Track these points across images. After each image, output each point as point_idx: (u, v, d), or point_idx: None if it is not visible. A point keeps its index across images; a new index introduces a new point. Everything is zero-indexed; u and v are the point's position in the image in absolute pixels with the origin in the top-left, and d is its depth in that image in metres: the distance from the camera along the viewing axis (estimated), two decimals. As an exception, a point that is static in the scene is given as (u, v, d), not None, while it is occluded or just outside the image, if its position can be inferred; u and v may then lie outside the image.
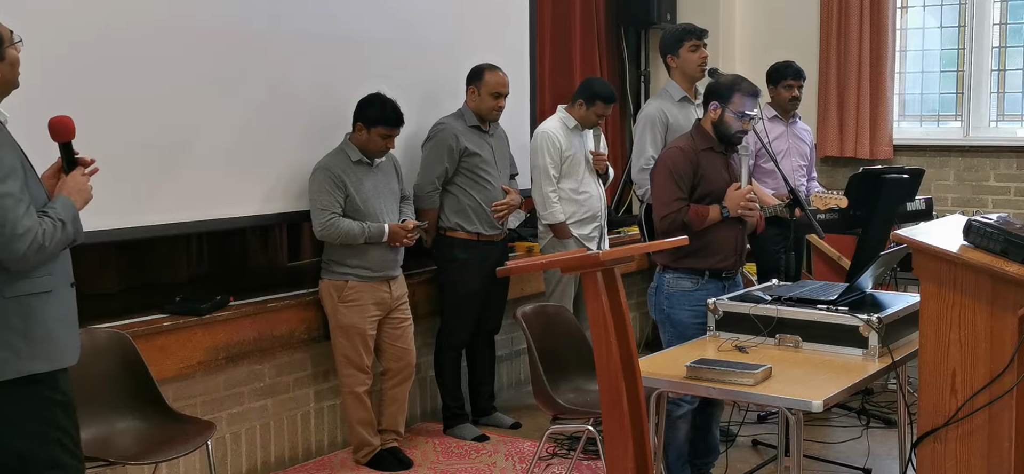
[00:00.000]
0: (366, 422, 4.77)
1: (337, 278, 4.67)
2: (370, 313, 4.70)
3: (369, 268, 4.68)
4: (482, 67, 5.22)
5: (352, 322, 4.67)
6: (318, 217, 4.63)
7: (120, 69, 4.14)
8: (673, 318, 4.14)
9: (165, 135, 4.31)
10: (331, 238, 4.63)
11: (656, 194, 4.16)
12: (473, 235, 5.20)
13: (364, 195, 4.67)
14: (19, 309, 2.90)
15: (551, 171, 5.39)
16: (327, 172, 4.64)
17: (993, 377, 2.93)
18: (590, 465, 4.78)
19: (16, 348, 2.89)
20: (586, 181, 5.49)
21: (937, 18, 7.16)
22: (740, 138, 4.16)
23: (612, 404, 3.09)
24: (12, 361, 2.89)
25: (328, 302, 4.71)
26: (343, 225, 4.60)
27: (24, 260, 2.85)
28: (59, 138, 3.09)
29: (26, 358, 2.91)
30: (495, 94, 5.18)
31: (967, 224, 3.01)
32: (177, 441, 3.75)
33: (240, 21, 4.59)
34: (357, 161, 4.69)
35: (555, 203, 5.41)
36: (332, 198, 4.61)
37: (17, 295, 2.90)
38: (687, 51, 5.03)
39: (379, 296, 4.73)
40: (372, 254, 4.68)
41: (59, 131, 3.09)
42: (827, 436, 5.20)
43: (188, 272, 5.21)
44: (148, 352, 3.99)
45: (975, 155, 6.94)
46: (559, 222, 5.42)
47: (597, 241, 5.52)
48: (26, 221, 2.82)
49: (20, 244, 2.81)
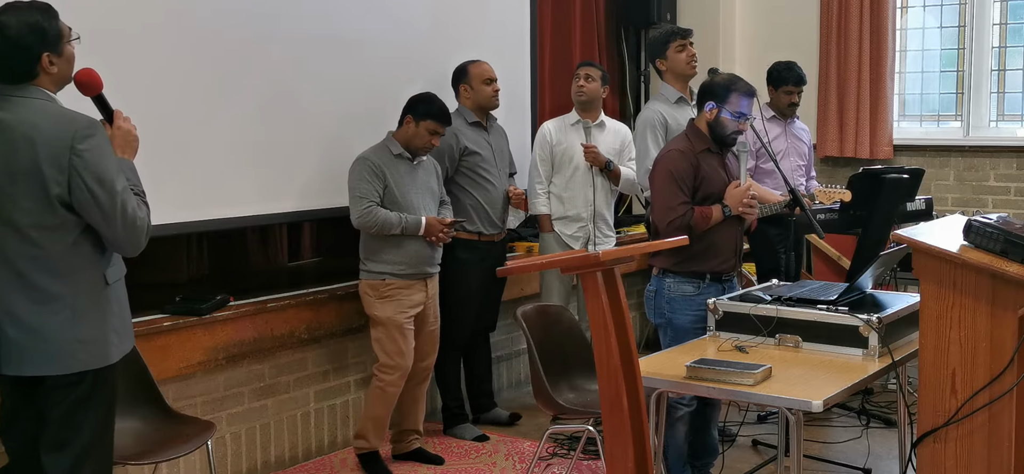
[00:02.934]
0: (378, 420, 4.70)
1: (374, 277, 4.64)
2: (407, 307, 4.67)
3: (405, 264, 4.64)
4: (463, 65, 5.26)
5: (389, 314, 4.63)
6: (356, 205, 4.59)
7: (120, 69, 4.12)
8: (675, 322, 4.12)
9: (165, 135, 4.31)
10: (368, 227, 4.59)
11: (658, 198, 4.12)
12: (474, 235, 5.20)
13: (403, 189, 4.64)
14: (117, 294, 3.07)
15: (539, 165, 5.53)
16: (368, 162, 4.62)
17: (993, 377, 2.93)
18: (590, 465, 4.78)
19: (119, 331, 3.07)
20: (575, 181, 5.47)
21: (937, 18, 7.16)
22: (735, 139, 4.16)
23: (612, 404, 3.09)
24: (117, 344, 3.06)
25: (366, 300, 4.68)
26: (380, 214, 4.56)
27: (140, 247, 3.04)
28: (90, 92, 3.09)
29: (124, 339, 3.11)
30: (487, 80, 5.23)
31: (967, 224, 3.01)
32: (177, 441, 3.76)
33: (240, 21, 4.59)
34: (398, 155, 4.66)
35: (538, 195, 5.51)
36: (371, 187, 4.58)
37: (116, 280, 3.06)
38: (674, 52, 5.04)
39: (415, 296, 4.70)
40: (408, 249, 4.63)
41: (88, 85, 3.08)
42: (827, 436, 5.20)
43: (188, 272, 5.21)
44: (148, 352, 3.99)
45: (975, 155, 6.94)
46: (540, 214, 5.53)
47: (582, 242, 5.50)
48: (140, 212, 2.99)
49: (141, 236, 3.01)
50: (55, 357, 2.95)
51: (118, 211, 2.91)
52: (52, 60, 2.94)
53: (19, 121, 2.88)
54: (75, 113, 2.95)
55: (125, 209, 2.92)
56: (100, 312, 2.99)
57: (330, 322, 4.81)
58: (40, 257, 2.91)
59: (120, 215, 2.91)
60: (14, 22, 2.89)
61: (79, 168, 2.86)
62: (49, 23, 2.94)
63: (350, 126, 4.76)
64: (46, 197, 2.88)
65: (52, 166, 2.86)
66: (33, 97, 2.92)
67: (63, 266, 2.93)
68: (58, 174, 2.86)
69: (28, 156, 2.87)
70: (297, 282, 5.05)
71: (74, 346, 2.95)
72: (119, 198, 2.91)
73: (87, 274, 2.96)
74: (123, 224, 2.93)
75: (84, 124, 2.90)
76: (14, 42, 2.89)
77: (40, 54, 2.91)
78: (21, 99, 2.92)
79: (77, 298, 2.95)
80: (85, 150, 2.87)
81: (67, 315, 2.94)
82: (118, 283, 3.07)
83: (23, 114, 2.89)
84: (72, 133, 2.87)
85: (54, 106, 2.95)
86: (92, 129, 2.91)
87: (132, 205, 2.95)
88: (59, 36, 2.97)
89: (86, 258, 2.96)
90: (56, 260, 2.92)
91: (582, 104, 5.51)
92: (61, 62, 2.97)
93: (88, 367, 2.97)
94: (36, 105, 2.91)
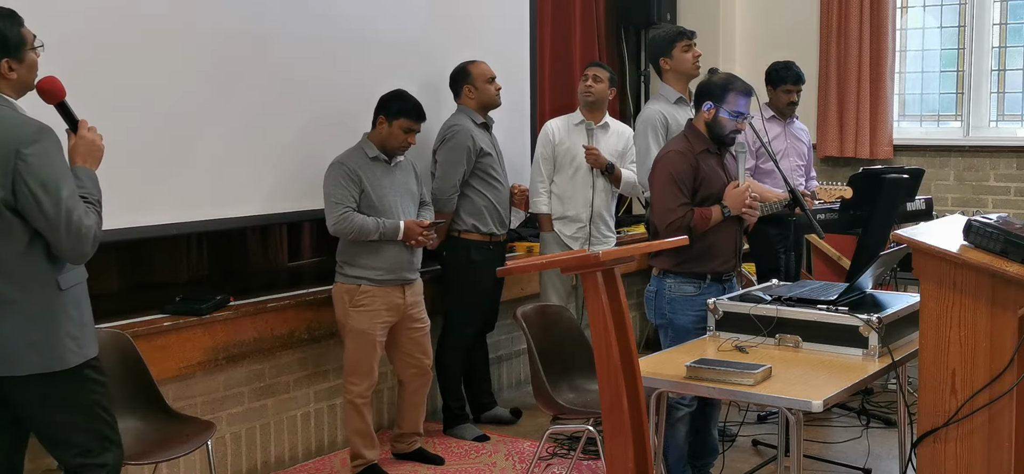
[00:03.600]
0: (362, 432, 4.66)
1: (350, 282, 4.57)
2: (381, 318, 4.60)
3: (384, 269, 4.57)
4: (464, 65, 5.25)
5: (362, 327, 4.57)
6: (332, 211, 4.52)
7: (120, 69, 4.14)
8: (676, 323, 4.12)
9: (165, 135, 4.31)
10: (344, 233, 4.53)
11: (658, 199, 4.11)
12: (486, 236, 5.20)
13: (380, 192, 4.57)
14: (73, 299, 3.07)
15: (541, 164, 5.52)
16: (343, 166, 4.55)
17: (993, 377, 2.93)
18: (590, 465, 4.78)
19: (76, 336, 3.06)
20: (575, 181, 5.47)
21: (937, 18, 7.16)
22: (734, 138, 4.15)
23: (612, 404, 3.09)
24: (75, 350, 3.05)
25: (339, 306, 4.61)
26: (357, 220, 4.49)
27: (86, 257, 3.05)
28: (52, 100, 3.11)
29: (84, 345, 3.09)
30: (489, 79, 5.24)
31: (967, 224, 3.02)
32: (177, 441, 3.76)
33: (240, 21, 4.59)
34: (374, 158, 4.60)
35: (540, 194, 5.51)
36: (347, 192, 4.51)
37: (71, 286, 3.06)
38: (680, 51, 5.02)
39: (392, 301, 4.61)
40: (387, 254, 4.57)
41: (51, 93, 3.10)
42: (827, 436, 5.20)
43: (188, 272, 5.20)
44: (148, 352, 3.99)
45: (975, 155, 6.94)
46: (540, 213, 5.54)
47: (581, 243, 5.49)
48: (86, 220, 2.98)
49: (86, 244, 3.00)
50: (6, 359, 2.98)
51: (62, 218, 2.92)
52: (11, 66, 2.97)
53: None
54: (27, 119, 2.97)
55: (70, 216, 2.93)
56: (53, 317, 3.00)
57: (330, 322, 4.80)
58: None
59: (65, 222, 2.92)
60: None
61: (23, 172, 2.88)
62: (11, 29, 2.97)
63: (350, 126, 4.75)
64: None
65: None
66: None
67: (14, 270, 2.95)
68: (3, 178, 2.88)
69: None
70: (297, 282, 5.05)
71: (24, 349, 2.98)
72: (64, 205, 2.92)
73: (39, 280, 2.98)
74: (67, 231, 2.93)
75: (32, 129, 2.92)
76: None
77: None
78: None
79: (28, 302, 2.97)
80: (30, 155, 2.88)
81: (17, 319, 2.97)
82: (74, 289, 3.07)
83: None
84: (19, 138, 2.89)
85: (9, 112, 2.95)
86: (39, 135, 2.92)
87: (79, 212, 2.95)
88: (21, 43, 2.99)
89: (38, 264, 2.97)
90: (7, 264, 2.94)
91: (589, 105, 5.51)
92: (21, 68, 3.00)
93: (39, 370, 2.99)
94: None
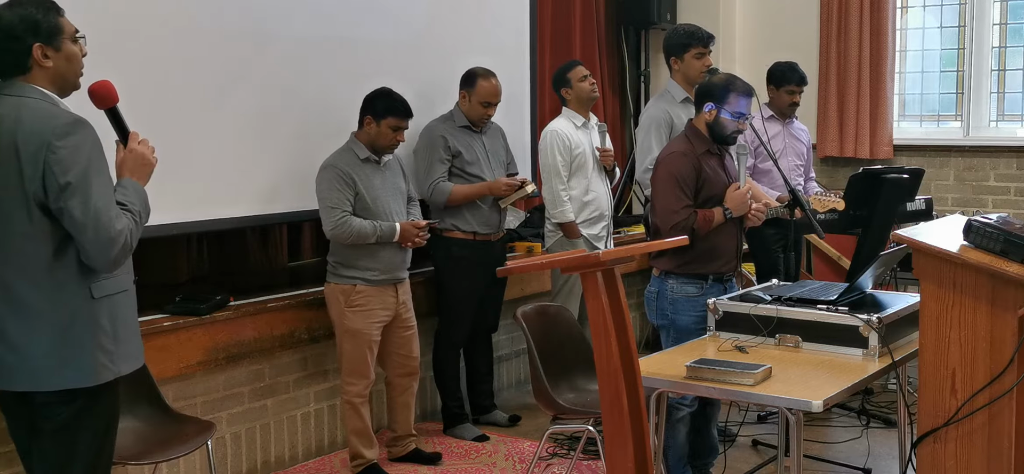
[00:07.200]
0: (361, 432, 4.67)
1: (345, 282, 4.56)
2: (377, 318, 4.61)
3: (378, 270, 4.57)
4: (476, 73, 5.17)
5: (358, 327, 4.57)
6: (329, 216, 4.50)
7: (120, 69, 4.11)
8: (678, 324, 4.12)
9: (165, 135, 4.27)
10: (342, 238, 4.51)
11: (660, 200, 4.10)
12: (469, 234, 5.18)
13: (374, 194, 4.57)
14: (108, 310, 2.87)
15: (561, 169, 5.38)
16: (336, 169, 4.53)
17: (993, 377, 2.93)
18: (590, 465, 4.78)
19: (109, 351, 2.86)
20: (594, 180, 5.47)
21: (937, 18, 7.16)
22: (735, 139, 4.15)
23: (612, 404, 3.08)
24: (108, 365, 2.87)
25: (334, 306, 4.61)
26: (355, 224, 4.48)
27: (115, 264, 2.83)
28: (102, 105, 2.92)
29: (118, 360, 2.90)
30: (485, 103, 5.15)
31: (967, 224, 3.01)
32: (177, 441, 3.76)
33: (240, 21, 4.59)
34: (365, 159, 4.59)
35: (565, 202, 5.38)
36: (342, 196, 4.49)
37: (105, 295, 2.85)
38: (692, 57, 5.00)
39: (386, 300, 4.63)
40: (382, 255, 4.57)
41: (103, 96, 2.92)
42: (827, 436, 5.20)
43: (188, 272, 5.20)
44: (148, 352, 3.94)
45: (975, 155, 6.94)
46: (569, 221, 5.40)
47: (605, 240, 5.51)
48: (117, 223, 2.78)
49: (114, 249, 2.78)
50: (37, 374, 2.81)
51: (91, 219, 2.73)
52: (46, 53, 2.81)
53: (3, 117, 2.77)
54: (62, 111, 2.80)
55: (99, 218, 2.73)
56: (86, 328, 2.81)
57: (330, 322, 4.80)
58: (26, 267, 2.78)
59: (93, 224, 2.73)
60: (8, 15, 2.80)
61: (52, 164, 2.71)
62: (45, 16, 2.81)
63: (350, 126, 4.75)
64: (25, 198, 2.75)
65: (30, 163, 2.73)
66: (25, 95, 2.80)
67: (45, 277, 2.78)
68: (34, 172, 2.73)
69: (10, 154, 2.75)
70: (297, 282, 5.05)
71: (57, 364, 2.80)
72: (93, 204, 2.73)
73: (70, 288, 2.80)
74: (95, 234, 2.73)
75: (66, 121, 2.75)
76: (5, 33, 2.78)
77: (30, 46, 2.78)
78: (11, 96, 2.80)
79: (58, 313, 2.79)
80: (61, 147, 2.72)
81: (48, 331, 2.79)
82: (110, 299, 2.86)
83: (9, 110, 2.78)
84: (51, 130, 2.72)
85: (43, 104, 2.80)
86: (73, 128, 2.74)
87: (110, 216, 2.76)
88: (57, 31, 2.82)
89: (69, 270, 2.80)
90: (35, 270, 2.78)
91: (591, 102, 5.52)
92: (58, 58, 2.83)
93: (73, 385, 2.82)
94: (26, 102, 2.78)
